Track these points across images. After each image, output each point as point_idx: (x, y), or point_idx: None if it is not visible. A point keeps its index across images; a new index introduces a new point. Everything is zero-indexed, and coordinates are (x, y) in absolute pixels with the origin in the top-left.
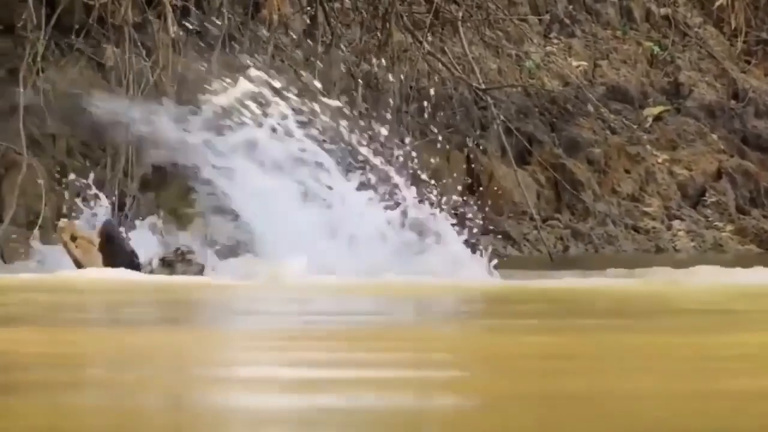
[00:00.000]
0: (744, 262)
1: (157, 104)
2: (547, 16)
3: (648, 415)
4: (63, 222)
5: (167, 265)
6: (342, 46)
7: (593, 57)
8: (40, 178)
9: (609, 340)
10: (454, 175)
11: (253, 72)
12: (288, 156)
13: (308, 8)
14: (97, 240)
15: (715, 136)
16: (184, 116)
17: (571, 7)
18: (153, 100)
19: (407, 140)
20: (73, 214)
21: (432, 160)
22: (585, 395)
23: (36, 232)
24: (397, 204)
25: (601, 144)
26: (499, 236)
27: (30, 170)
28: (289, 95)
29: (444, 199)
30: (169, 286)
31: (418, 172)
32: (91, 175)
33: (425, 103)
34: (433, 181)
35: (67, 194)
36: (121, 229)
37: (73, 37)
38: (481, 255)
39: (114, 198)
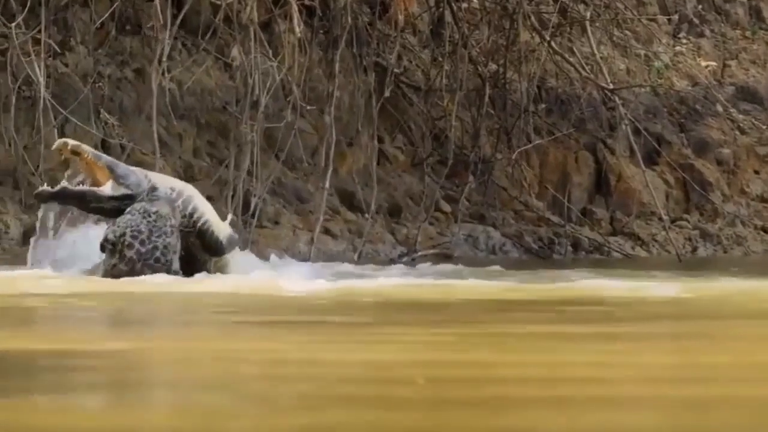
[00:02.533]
0: None
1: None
2: (676, 16)
3: None
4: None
5: (110, 246)
6: (469, 46)
7: (722, 57)
8: None
9: None
10: (582, 174)
11: None
12: None
13: (435, 8)
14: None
15: None
16: None
17: (700, 7)
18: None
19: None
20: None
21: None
22: None
23: None
24: None
25: (730, 144)
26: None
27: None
28: None
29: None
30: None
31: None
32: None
33: (553, 103)
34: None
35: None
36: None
37: (199, 36)
38: None
39: (239, 199)
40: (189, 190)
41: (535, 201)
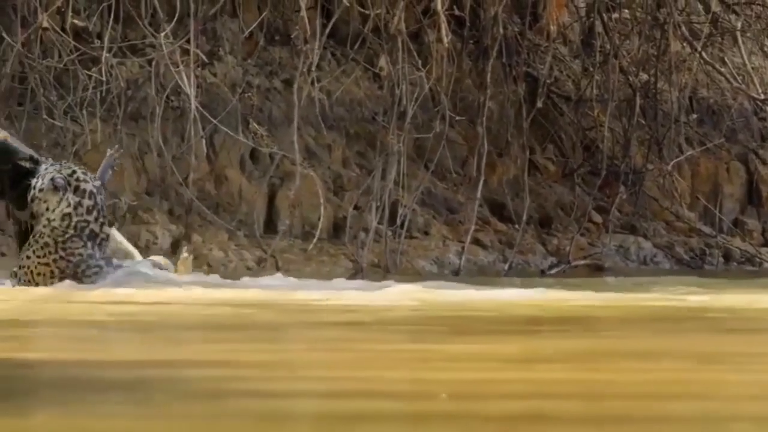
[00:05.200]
0: None
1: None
2: None
3: None
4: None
5: (54, 188)
6: (620, 56)
7: None
8: (317, 188)
9: None
10: (734, 185)
11: None
12: None
13: (586, 18)
14: None
15: None
16: None
17: None
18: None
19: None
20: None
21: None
22: None
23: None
24: None
25: None
26: None
27: (305, 180)
28: None
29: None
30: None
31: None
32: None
33: (704, 113)
34: None
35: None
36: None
37: (348, 46)
38: None
39: (386, 208)
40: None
41: (687, 212)
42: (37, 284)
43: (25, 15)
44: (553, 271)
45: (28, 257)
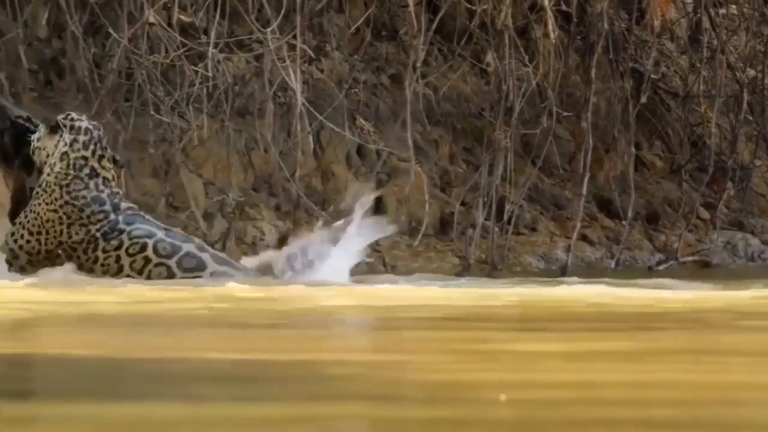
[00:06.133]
0: None
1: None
2: None
3: None
4: None
5: (50, 130)
6: (727, 52)
7: None
8: (423, 185)
9: None
10: None
11: None
12: None
13: (693, 14)
14: None
15: None
16: None
17: None
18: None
19: None
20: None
21: None
22: None
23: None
24: None
25: None
26: None
27: (412, 176)
28: None
29: None
30: None
31: None
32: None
33: None
34: None
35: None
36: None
37: (454, 42)
38: None
39: (493, 204)
40: None
41: None
42: (47, 232)
43: (132, 11)
44: (660, 268)
45: (38, 204)
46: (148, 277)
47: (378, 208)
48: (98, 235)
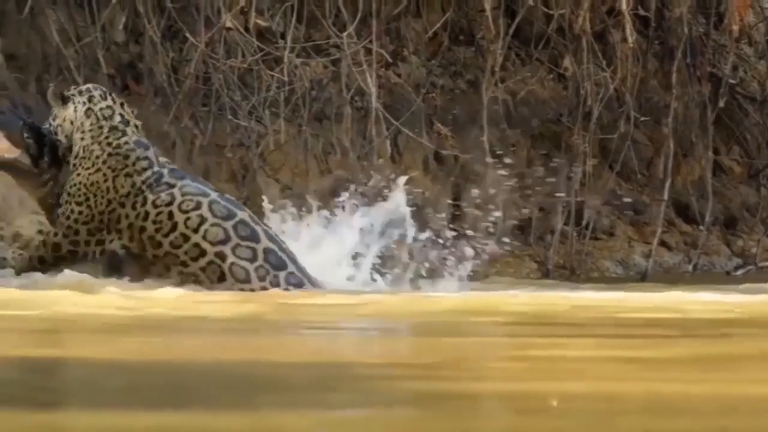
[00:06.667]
0: None
1: None
2: None
3: None
4: None
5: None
6: None
7: None
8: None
9: None
10: None
11: None
12: None
13: None
14: None
15: None
16: None
17: None
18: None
19: None
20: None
21: None
22: None
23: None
24: None
25: None
26: None
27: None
28: None
29: None
30: None
31: None
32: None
33: None
34: None
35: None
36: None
37: (532, 46)
38: None
39: (572, 209)
40: None
41: None
42: (93, 195)
43: (209, 15)
44: (738, 273)
45: (78, 175)
46: (204, 236)
47: (455, 214)
48: (144, 187)
